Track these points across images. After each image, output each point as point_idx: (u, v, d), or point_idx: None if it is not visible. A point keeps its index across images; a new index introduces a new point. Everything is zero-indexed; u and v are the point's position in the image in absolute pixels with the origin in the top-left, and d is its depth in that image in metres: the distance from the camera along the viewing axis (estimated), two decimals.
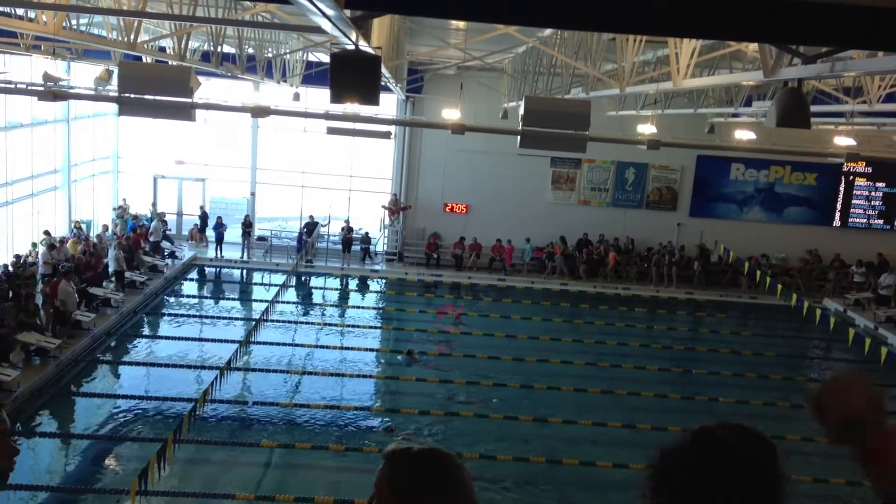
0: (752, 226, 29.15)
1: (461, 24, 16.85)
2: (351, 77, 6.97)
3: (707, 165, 28.81)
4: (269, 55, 21.20)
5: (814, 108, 13.20)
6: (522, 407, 16.48)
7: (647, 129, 20.18)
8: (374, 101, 7.15)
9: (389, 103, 26.89)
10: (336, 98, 7.20)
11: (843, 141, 18.82)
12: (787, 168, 28.98)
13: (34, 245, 22.07)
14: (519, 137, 9.22)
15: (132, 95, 8.62)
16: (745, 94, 19.55)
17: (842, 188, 29.19)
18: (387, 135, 18.49)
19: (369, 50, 7.30)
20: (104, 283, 21.24)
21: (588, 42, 14.54)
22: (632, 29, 7.25)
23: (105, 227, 25.77)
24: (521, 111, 9.07)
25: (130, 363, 18.15)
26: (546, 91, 17.96)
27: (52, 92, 10.73)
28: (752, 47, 11.15)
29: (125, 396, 15.99)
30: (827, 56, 7.12)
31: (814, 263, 28.26)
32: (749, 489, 1.49)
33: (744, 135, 22.75)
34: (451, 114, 19.24)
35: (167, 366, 17.46)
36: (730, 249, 26.18)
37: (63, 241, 22.74)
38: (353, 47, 6.75)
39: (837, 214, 29.32)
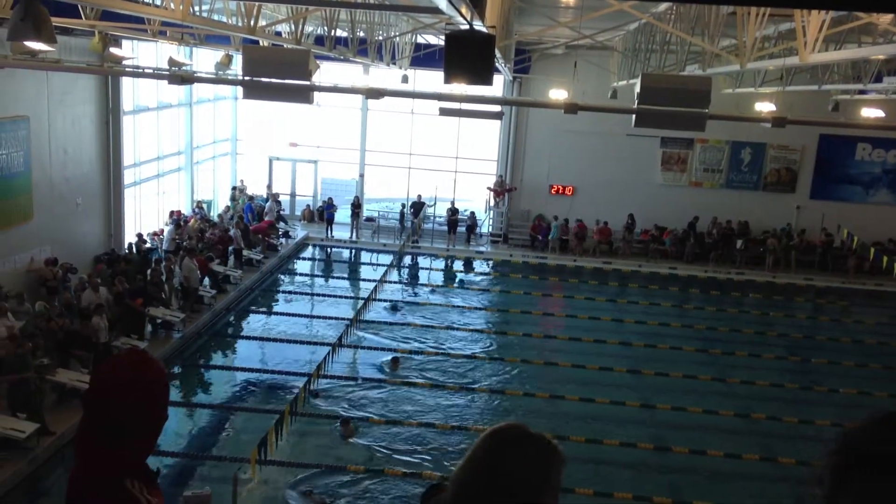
0: (878, 209, 27.53)
1: (571, 1, 16.56)
2: (465, 57, 6.97)
3: (830, 145, 27.35)
4: (380, 38, 21.48)
5: None
6: (629, 392, 16.23)
7: (765, 107, 19.35)
8: (487, 80, 7.13)
9: (496, 84, 26.77)
10: (449, 78, 7.22)
11: None
12: None
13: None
14: (633, 116, 9.01)
15: (255, 79, 8.93)
16: (874, 69, 18.41)
17: None
18: (499, 115, 18.43)
19: (483, 29, 7.28)
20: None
21: (706, 16, 14.01)
22: (759, 1, 6.94)
23: (227, 208, 26.83)
24: (638, 89, 8.85)
25: (248, 337, 18.95)
26: (659, 68, 17.44)
27: (181, 76, 11.26)
28: (885, 19, 10.47)
29: (243, 369, 16.78)
30: None
31: None
32: None
33: (871, 112, 21.44)
34: (559, 94, 18.99)
35: (282, 341, 18.14)
36: (853, 234, 24.81)
37: (187, 220, 23.91)
38: (467, 27, 6.76)
39: None
